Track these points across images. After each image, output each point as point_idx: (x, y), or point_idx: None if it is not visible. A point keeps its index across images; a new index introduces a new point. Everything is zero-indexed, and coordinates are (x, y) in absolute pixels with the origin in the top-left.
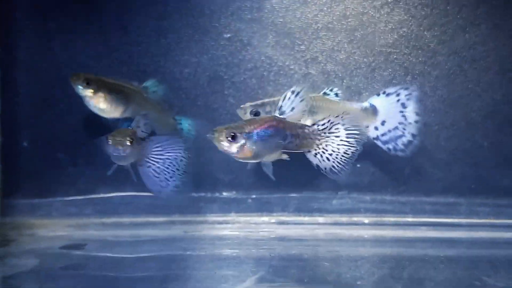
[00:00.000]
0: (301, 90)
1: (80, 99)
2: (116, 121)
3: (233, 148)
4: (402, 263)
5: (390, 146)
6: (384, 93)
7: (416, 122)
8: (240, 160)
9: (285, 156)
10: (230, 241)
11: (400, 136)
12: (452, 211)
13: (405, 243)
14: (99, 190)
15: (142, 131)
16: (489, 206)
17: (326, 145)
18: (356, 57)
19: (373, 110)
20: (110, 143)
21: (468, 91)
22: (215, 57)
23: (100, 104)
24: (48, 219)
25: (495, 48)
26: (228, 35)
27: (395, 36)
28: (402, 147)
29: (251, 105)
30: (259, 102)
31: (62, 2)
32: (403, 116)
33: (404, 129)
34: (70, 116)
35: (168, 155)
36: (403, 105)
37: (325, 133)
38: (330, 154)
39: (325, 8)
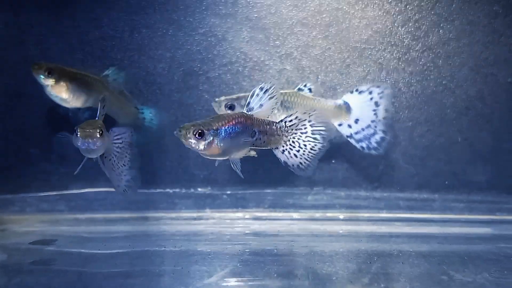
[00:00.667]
0: (270, 87)
1: None
2: (77, 110)
3: (200, 145)
4: (376, 258)
5: (364, 145)
6: (357, 90)
7: (384, 118)
8: (207, 157)
9: (253, 153)
10: (205, 236)
11: (373, 134)
12: (426, 206)
13: (379, 239)
14: (72, 186)
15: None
16: (462, 202)
17: (293, 142)
18: (330, 53)
19: (347, 108)
20: (79, 135)
21: (442, 87)
22: (190, 52)
23: (62, 93)
24: (21, 215)
25: (469, 44)
26: (203, 30)
27: (370, 32)
28: (375, 145)
29: (226, 99)
30: (234, 96)
31: None
32: (375, 114)
33: (375, 126)
34: (43, 110)
35: (122, 147)
36: (376, 104)
37: (292, 129)
38: (298, 151)
39: (299, 4)
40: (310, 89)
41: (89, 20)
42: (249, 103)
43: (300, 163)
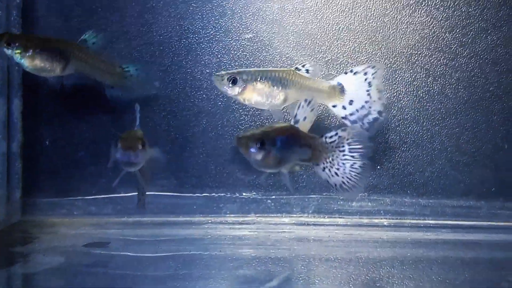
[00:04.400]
0: (311, 100)
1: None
2: (59, 78)
3: (258, 156)
4: (422, 265)
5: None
6: (351, 71)
7: (379, 99)
8: (261, 168)
9: (297, 168)
10: (250, 241)
11: (367, 115)
12: (472, 213)
13: (425, 245)
14: (120, 189)
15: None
16: (509, 209)
17: (332, 159)
18: (377, 58)
19: (341, 89)
20: (121, 146)
21: (489, 94)
22: (236, 58)
23: (34, 62)
24: (69, 218)
25: None
26: (249, 36)
27: (417, 38)
28: (367, 125)
29: (227, 73)
30: (234, 71)
31: (82, 0)
32: (369, 95)
33: (370, 107)
34: (91, 115)
35: None
36: (369, 84)
37: (332, 146)
38: (338, 169)
39: (346, 9)
40: (307, 70)
41: (137, 25)
42: (296, 115)
43: (343, 182)
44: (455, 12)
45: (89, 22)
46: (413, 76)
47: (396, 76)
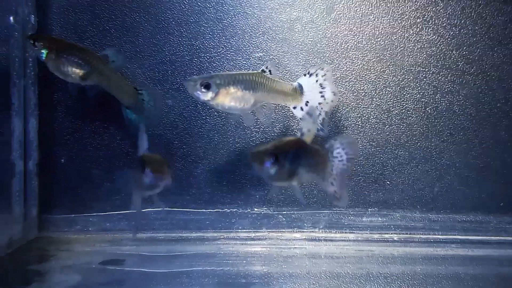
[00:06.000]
0: (313, 112)
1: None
2: (79, 86)
3: (272, 170)
4: (431, 280)
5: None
6: (308, 73)
7: (332, 101)
8: (274, 182)
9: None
10: (262, 257)
11: (319, 115)
12: (481, 228)
13: (435, 261)
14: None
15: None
16: None
17: (332, 170)
18: (385, 76)
19: (301, 90)
20: (150, 171)
21: (497, 110)
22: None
23: (57, 65)
24: (85, 234)
25: None
26: (259, 54)
27: (424, 55)
28: (320, 126)
29: (200, 78)
30: (206, 75)
31: (96, 20)
32: (323, 96)
33: (321, 108)
34: (105, 133)
35: None
36: (321, 86)
37: (334, 157)
38: (334, 179)
39: (354, 28)
40: (270, 71)
41: (150, 45)
42: (301, 128)
43: (335, 191)
44: (462, 30)
45: (103, 42)
46: (421, 93)
47: (405, 93)
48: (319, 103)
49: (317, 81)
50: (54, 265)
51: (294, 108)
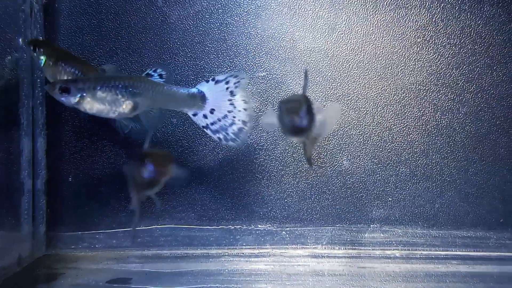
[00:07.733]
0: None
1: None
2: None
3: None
4: None
5: (221, 136)
6: (213, 80)
7: (245, 109)
8: (298, 135)
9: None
10: (265, 275)
11: (231, 125)
12: (482, 244)
13: (436, 278)
14: (140, 223)
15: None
16: None
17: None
18: (386, 94)
19: (202, 97)
20: (151, 162)
21: (496, 127)
22: (250, 94)
23: (54, 72)
24: (91, 251)
25: None
26: (263, 74)
27: (424, 74)
28: (233, 136)
29: (60, 81)
30: (70, 79)
31: (103, 41)
32: (232, 104)
33: (234, 117)
34: (111, 151)
35: None
36: (232, 93)
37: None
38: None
39: (356, 48)
40: (161, 75)
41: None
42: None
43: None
44: (461, 50)
45: (109, 63)
46: (422, 111)
47: (406, 111)
48: (229, 111)
49: (227, 88)
50: (63, 284)
51: (194, 115)
